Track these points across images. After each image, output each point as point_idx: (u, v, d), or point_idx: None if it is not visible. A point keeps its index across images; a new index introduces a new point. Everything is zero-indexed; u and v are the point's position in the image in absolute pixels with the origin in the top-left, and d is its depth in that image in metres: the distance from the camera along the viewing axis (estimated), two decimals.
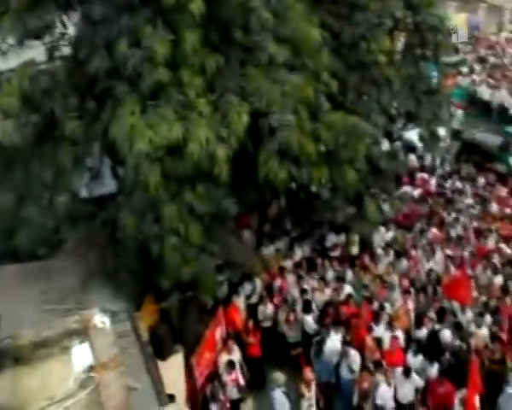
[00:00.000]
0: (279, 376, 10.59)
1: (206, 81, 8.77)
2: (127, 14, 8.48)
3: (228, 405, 10.77)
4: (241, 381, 11.17)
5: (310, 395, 10.33)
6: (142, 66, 8.28)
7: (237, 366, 11.12)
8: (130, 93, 8.53)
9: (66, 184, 9.65)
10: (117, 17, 8.57)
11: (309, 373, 10.44)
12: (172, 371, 9.89)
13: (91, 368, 5.81)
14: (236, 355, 11.37)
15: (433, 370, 10.76)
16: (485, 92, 28.09)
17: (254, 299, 12.96)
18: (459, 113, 23.34)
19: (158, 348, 10.06)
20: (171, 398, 9.27)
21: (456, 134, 21.80)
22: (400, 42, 14.46)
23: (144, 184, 8.39)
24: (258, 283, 13.02)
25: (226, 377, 11.00)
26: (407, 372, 10.51)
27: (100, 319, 6.14)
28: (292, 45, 9.72)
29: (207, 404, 10.60)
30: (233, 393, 11.06)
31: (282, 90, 8.99)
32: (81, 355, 5.96)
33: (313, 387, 10.32)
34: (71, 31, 9.45)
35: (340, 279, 13.06)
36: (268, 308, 12.62)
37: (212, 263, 9.99)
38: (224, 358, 11.18)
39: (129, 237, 9.15)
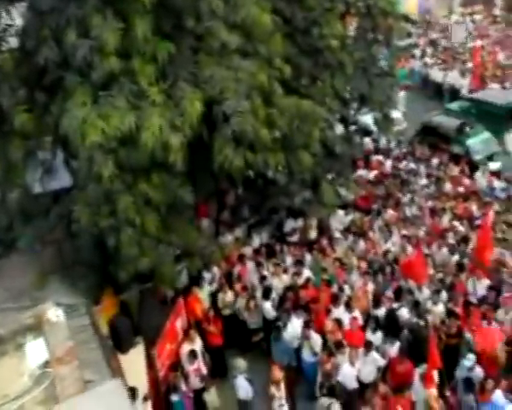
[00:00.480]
0: (241, 363, 10.63)
1: (158, 70, 8.67)
2: (75, 3, 8.31)
3: (191, 395, 10.75)
4: (204, 370, 11.17)
5: (280, 394, 10.17)
6: (92, 56, 8.13)
7: (199, 356, 11.11)
8: (80, 84, 8.39)
9: (18, 180, 9.45)
10: (65, 7, 8.39)
11: (277, 373, 10.27)
12: (133, 363, 9.83)
13: (47, 363, 5.72)
14: (198, 345, 11.35)
15: (394, 348, 10.97)
16: (436, 75, 28.73)
17: (214, 287, 12.97)
18: (402, 94, 23.75)
19: (118, 341, 9.98)
20: (133, 391, 9.22)
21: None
22: (352, 26, 14.60)
23: (98, 176, 8.27)
24: (217, 271, 13.04)
25: (188, 368, 10.97)
26: (368, 346, 10.69)
27: (54, 313, 6.04)
28: (244, 31, 9.68)
29: (170, 395, 10.57)
30: (196, 383, 11.05)
31: (235, 76, 8.95)
32: (36, 351, 5.85)
33: (283, 386, 10.17)
34: (18, 22, 9.21)
35: (299, 264, 13.17)
36: (228, 296, 12.66)
37: (171, 253, 9.98)
38: (185, 348, 11.14)
39: (85, 230, 9.02)
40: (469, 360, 10.31)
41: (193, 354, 10.94)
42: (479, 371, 10.20)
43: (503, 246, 13.72)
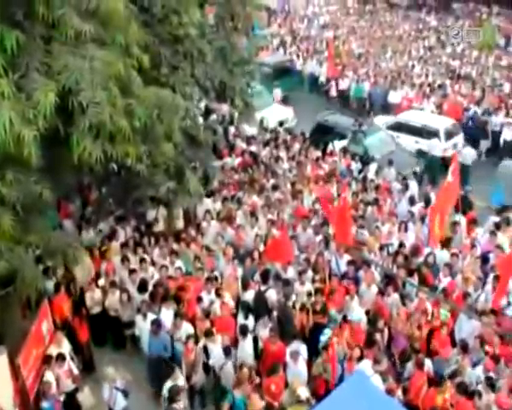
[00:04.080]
0: (109, 371, 10.25)
1: (7, 60, 8.16)
2: None
3: (61, 399, 10.34)
4: (75, 370, 10.82)
5: None
6: None
7: (68, 358, 10.73)
8: None
9: None
10: None
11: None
12: None
13: None
14: (66, 346, 10.98)
15: (265, 330, 11.24)
16: (296, 63, 29.83)
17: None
18: None
19: None
20: None
21: None
22: (212, 15, 14.67)
23: None
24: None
25: (58, 371, 10.55)
26: (244, 331, 10.92)
27: None
28: (99, 20, 9.38)
29: (40, 403, 10.08)
30: (67, 385, 10.67)
31: (90, 66, 8.65)
32: None
33: None
34: None
35: (173, 254, 13.12)
36: (96, 294, 12.33)
37: (31, 255, 9.50)
38: (53, 351, 10.70)
39: None
40: (325, 334, 10.94)
41: (61, 356, 10.53)
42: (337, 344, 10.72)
43: (361, 224, 14.54)
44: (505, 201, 15.92)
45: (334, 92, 27.55)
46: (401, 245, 13.55)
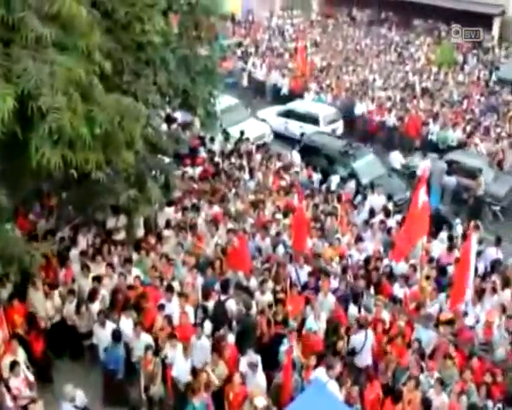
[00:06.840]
0: (69, 388, 9.96)
1: None
2: None
3: None
4: (31, 377, 10.53)
5: None
6: None
7: (23, 367, 10.47)
8: None
9: None
10: None
11: None
12: None
13: None
14: (21, 356, 10.70)
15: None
16: (259, 74, 29.99)
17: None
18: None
19: None
20: None
21: None
22: (176, 23, 14.63)
23: None
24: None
25: (14, 381, 10.25)
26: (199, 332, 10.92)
27: None
28: (61, 24, 9.28)
29: None
30: (25, 394, 10.32)
31: (50, 70, 8.55)
32: None
33: None
34: None
35: (128, 262, 12.94)
36: (55, 302, 12.07)
37: None
38: (7, 360, 10.42)
39: None
40: (284, 344, 10.92)
41: (16, 365, 10.26)
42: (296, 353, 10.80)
43: (321, 235, 14.67)
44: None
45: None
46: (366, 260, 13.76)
